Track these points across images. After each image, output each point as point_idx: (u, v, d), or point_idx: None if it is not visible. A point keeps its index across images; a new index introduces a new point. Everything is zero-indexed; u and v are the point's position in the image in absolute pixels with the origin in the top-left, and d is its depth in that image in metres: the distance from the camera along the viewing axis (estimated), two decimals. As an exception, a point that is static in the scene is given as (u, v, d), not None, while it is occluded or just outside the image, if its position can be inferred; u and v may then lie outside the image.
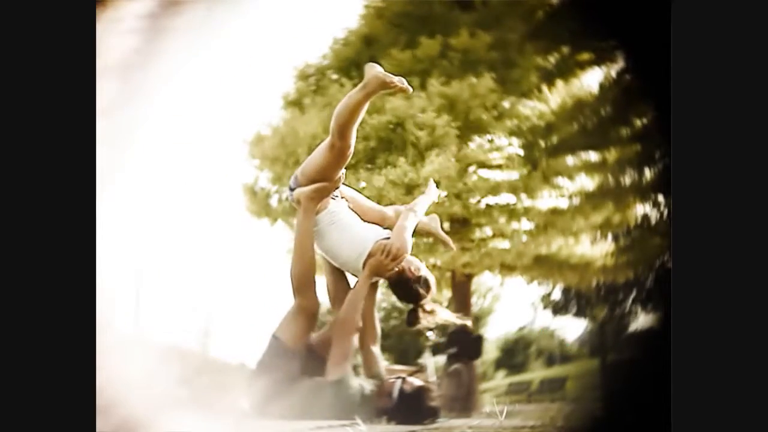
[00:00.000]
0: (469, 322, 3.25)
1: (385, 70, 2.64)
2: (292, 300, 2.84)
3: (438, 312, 2.87)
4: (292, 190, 2.83)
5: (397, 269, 2.78)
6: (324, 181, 2.76)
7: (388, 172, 6.76)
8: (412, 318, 2.86)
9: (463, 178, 7.01)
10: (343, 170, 2.82)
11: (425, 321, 2.86)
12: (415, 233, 2.91)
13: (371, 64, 2.69)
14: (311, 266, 2.80)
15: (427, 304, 2.86)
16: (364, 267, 2.78)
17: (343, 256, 2.84)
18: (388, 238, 2.81)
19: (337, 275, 2.97)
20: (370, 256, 2.76)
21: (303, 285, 2.80)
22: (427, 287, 2.85)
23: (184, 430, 2.12)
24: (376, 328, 2.91)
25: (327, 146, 2.73)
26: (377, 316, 2.95)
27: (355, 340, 2.80)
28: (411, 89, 2.69)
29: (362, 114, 2.68)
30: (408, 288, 2.84)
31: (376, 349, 2.89)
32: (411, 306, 2.87)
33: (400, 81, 2.62)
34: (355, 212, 2.94)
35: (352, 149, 2.72)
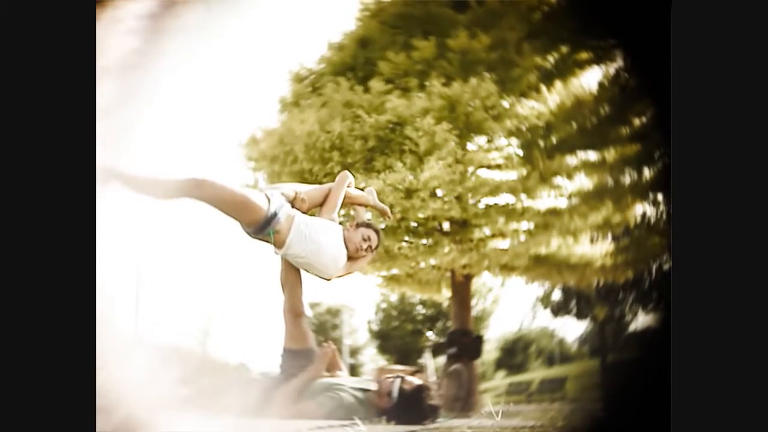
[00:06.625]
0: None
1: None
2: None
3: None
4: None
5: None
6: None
7: (386, 176, 6.71)
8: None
9: (463, 180, 6.97)
10: (299, 187, 2.89)
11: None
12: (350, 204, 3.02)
13: None
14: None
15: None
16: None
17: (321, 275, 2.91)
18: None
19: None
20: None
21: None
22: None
23: (184, 430, 2.12)
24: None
25: None
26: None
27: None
28: None
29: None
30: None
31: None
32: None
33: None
34: (313, 206, 3.00)
35: None
